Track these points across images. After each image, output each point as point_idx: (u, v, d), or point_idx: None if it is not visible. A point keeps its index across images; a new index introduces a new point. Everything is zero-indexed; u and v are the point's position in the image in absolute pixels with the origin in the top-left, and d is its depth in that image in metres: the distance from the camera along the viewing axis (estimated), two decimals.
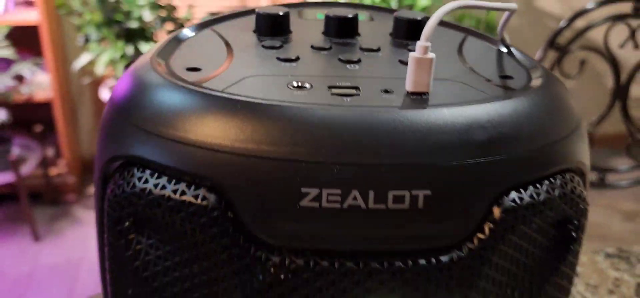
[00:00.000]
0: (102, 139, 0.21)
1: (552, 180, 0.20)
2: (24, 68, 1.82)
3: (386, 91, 0.20)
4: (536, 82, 0.22)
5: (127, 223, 0.20)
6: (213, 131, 0.18)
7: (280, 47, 0.24)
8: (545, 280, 0.22)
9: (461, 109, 0.19)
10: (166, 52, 0.23)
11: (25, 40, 2.00)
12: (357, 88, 0.21)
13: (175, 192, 0.19)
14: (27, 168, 1.94)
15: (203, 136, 0.18)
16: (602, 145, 1.49)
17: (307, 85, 0.20)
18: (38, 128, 2.03)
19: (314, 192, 0.18)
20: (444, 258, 0.19)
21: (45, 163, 2.07)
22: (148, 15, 1.45)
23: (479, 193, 0.19)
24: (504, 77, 0.23)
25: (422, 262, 0.19)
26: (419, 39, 0.20)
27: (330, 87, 0.20)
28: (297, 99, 0.19)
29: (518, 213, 0.19)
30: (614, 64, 1.05)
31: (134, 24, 1.47)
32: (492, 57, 0.25)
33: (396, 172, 0.18)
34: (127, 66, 1.52)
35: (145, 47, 1.49)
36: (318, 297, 0.19)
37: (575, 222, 0.21)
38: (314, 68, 0.22)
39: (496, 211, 0.19)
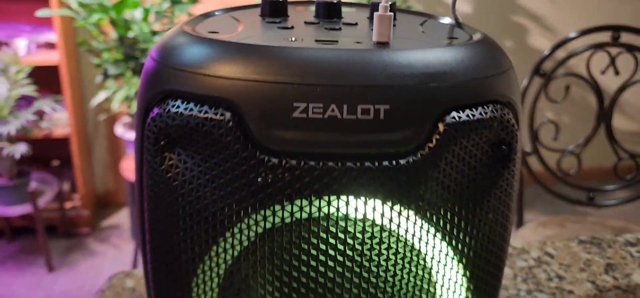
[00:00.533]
0: (143, 83, 0.28)
1: (485, 106, 0.26)
2: (45, 105, 1.91)
3: (358, 42, 0.27)
4: (475, 38, 0.29)
5: (162, 143, 0.26)
6: (229, 66, 0.25)
7: (280, 22, 0.31)
8: (486, 194, 0.28)
9: (414, 51, 0.26)
10: (192, 23, 0.30)
11: (46, 79, 2.11)
12: (336, 41, 0.27)
13: (200, 111, 0.25)
14: (44, 201, 2.01)
15: (221, 70, 0.25)
16: (590, 166, 1.54)
17: (300, 40, 0.27)
18: (55, 163, 2.11)
19: (302, 105, 0.24)
20: (402, 161, 0.25)
21: (61, 196, 2.14)
22: None
23: (427, 111, 0.25)
24: (451, 37, 0.30)
25: (386, 163, 0.25)
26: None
27: (316, 40, 0.27)
28: (291, 45, 0.26)
29: (458, 128, 0.26)
30: (597, 89, 1.12)
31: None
32: (445, 28, 0.32)
33: (363, 91, 0.24)
34: None
35: None
36: (306, 190, 0.25)
37: (507, 144, 0.27)
38: (305, 33, 0.29)
39: (441, 126, 0.25)
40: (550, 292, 0.52)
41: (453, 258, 0.29)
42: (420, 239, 0.28)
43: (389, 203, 0.26)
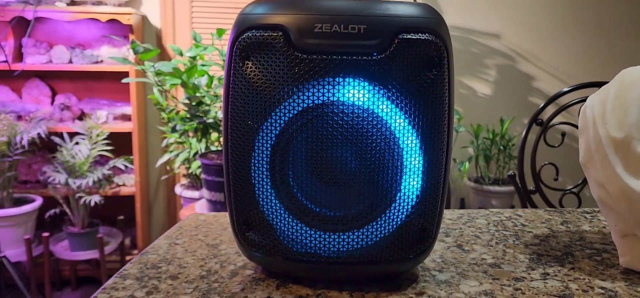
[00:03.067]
0: (234, 26, 0.50)
1: (423, 33, 0.47)
2: (118, 162, 2.21)
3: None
4: (424, 5, 0.50)
5: (243, 54, 0.48)
6: (281, 10, 0.47)
7: None
8: (428, 88, 0.48)
9: (381, 2, 0.47)
10: None
11: (119, 144, 2.43)
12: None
13: (265, 32, 0.47)
14: (108, 249, 2.25)
15: (276, 12, 0.47)
16: (589, 204, 1.66)
17: None
18: (120, 217, 2.37)
19: (319, 25, 0.46)
20: (375, 57, 0.46)
21: (122, 249, 2.39)
22: (221, 114, 1.83)
23: (388, 30, 0.46)
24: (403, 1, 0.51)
25: (365, 57, 0.46)
26: None
27: None
28: None
29: (407, 42, 0.46)
30: None
31: (210, 119, 1.84)
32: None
33: (351, 18, 0.46)
34: (201, 155, 1.87)
35: (216, 136, 1.84)
36: (322, 73, 0.46)
37: (437, 57, 0.48)
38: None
39: (396, 40, 0.46)
40: (514, 231, 0.69)
41: (411, 130, 0.48)
42: (390, 116, 0.48)
43: (371, 85, 0.47)
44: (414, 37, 0.47)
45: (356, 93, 0.47)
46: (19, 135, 2.16)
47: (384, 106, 0.48)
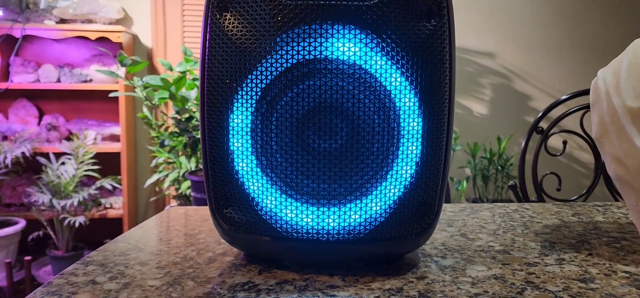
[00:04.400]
0: None
1: None
2: (105, 182, 2.14)
3: None
4: None
5: (220, 5, 0.43)
6: None
7: None
8: (427, 40, 0.43)
9: None
10: None
11: (107, 164, 2.36)
12: None
13: None
14: None
15: None
16: None
17: None
18: (107, 241, 2.29)
19: None
20: (366, 2, 0.41)
21: None
22: None
23: None
24: None
25: (357, 3, 0.41)
26: None
27: None
28: None
29: None
30: (593, 144, 1.24)
31: (199, 134, 1.78)
32: None
33: None
34: (191, 173, 1.81)
35: None
36: (309, 20, 0.41)
37: (436, 5, 0.43)
38: None
39: None
40: (522, 222, 0.63)
41: (409, 88, 0.43)
42: (385, 72, 0.42)
43: (364, 35, 0.41)
44: None
45: (347, 45, 0.42)
46: (2, 154, 2.09)
47: (379, 61, 0.42)
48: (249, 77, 0.43)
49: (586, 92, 1.26)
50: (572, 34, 2.80)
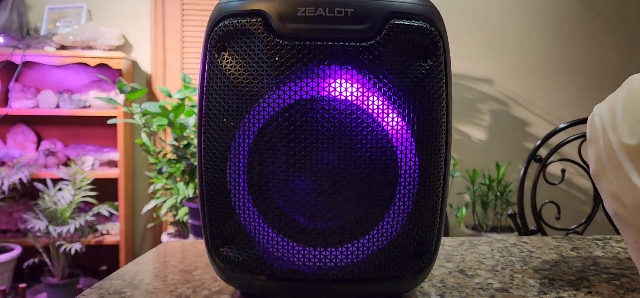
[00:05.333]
0: (211, 18, 0.46)
1: (415, 20, 0.43)
2: (102, 208, 2.13)
3: None
4: None
5: (219, 45, 0.44)
6: None
7: None
8: (423, 79, 0.43)
9: None
10: None
11: (105, 190, 2.35)
12: None
13: (242, 18, 0.42)
14: None
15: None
16: None
17: None
18: (103, 268, 2.27)
19: (301, 8, 0.41)
20: (364, 44, 0.41)
21: None
22: None
23: (379, 15, 0.42)
24: None
25: (354, 44, 0.41)
26: None
27: None
28: None
29: (399, 28, 0.42)
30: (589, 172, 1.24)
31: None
32: None
33: (338, 1, 0.41)
34: (188, 200, 1.80)
35: None
36: (306, 60, 0.41)
37: (431, 46, 0.43)
38: None
39: (387, 26, 0.42)
40: (521, 257, 0.62)
41: (405, 128, 0.43)
42: (382, 112, 0.43)
43: (361, 75, 0.42)
44: (406, 23, 0.42)
45: (343, 85, 0.42)
46: None
47: (376, 101, 0.43)
48: (246, 116, 0.43)
49: (584, 121, 1.26)
50: (569, 61, 2.82)
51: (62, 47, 2.45)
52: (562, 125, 1.28)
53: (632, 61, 2.82)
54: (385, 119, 0.43)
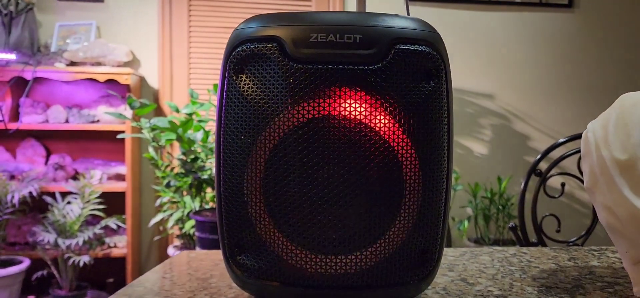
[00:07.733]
0: (229, 41, 0.49)
1: (419, 45, 0.46)
2: (110, 222, 2.17)
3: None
4: (419, 19, 0.49)
5: (237, 67, 0.47)
6: (276, 22, 0.46)
7: None
8: (426, 100, 0.46)
9: (377, 15, 0.47)
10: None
11: (113, 203, 2.39)
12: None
13: (259, 43, 0.46)
14: None
15: (270, 25, 0.46)
16: None
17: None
18: (110, 280, 2.30)
19: (314, 35, 0.45)
20: (371, 67, 0.45)
21: None
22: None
23: (385, 40, 0.45)
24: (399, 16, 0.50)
25: (362, 67, 0.45)
26: None
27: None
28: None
29: (404, 53, 0.45)
30: None
31: (205, 175, 1.81)
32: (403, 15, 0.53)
33: (347, 28, 0.45)
34: (195, 213, 1.83)
35: (211, 193, 1.80)
36: (318, 82, 0.45)
37: (434, 69, 0.47)
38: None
39: (393, 50, 0.45)
40: (520, 266, 0.65)
41: (410, 144, 0.47)
42: (388, 129, 0.46)
43: (368, 96, 0.45)
44: (410, 48, 0.46)
45: (353, 105, 0.46)
46: (10, 194, 2.12)
47: (382, 119, 0.46)
48: (263, 133, 0.47)
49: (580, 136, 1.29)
50: (569, 77, 2.86)
51: (72, 63, 2.50)
52: (561, 140, 1.32)
53: (630, 76, 2.86)
54: (391, 136, 0.46)
